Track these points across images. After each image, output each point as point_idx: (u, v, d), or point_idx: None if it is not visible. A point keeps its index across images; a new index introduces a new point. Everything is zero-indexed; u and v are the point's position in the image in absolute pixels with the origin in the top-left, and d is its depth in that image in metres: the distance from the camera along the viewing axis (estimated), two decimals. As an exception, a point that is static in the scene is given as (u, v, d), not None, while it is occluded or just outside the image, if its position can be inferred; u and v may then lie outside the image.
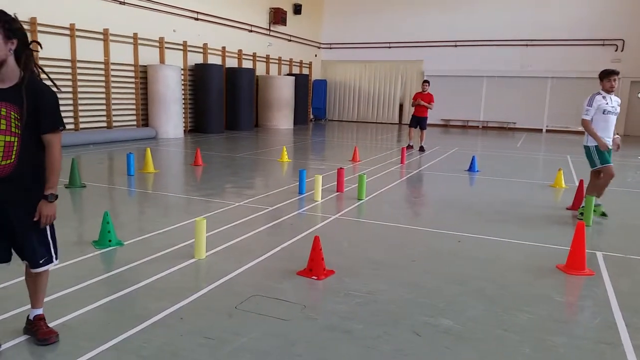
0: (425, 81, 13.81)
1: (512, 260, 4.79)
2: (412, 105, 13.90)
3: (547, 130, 22.66)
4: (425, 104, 13.50)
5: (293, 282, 4.05)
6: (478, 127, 23.93)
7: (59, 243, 3.04)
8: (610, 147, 6.37)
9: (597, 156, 6.37)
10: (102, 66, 13.72)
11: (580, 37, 21.49)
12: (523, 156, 13.52)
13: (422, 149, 13.56)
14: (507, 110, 23.25)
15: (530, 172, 10.64)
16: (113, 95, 14.06)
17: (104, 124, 13.96)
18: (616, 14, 20.97)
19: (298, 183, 7.57)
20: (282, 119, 20.40)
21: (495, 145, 16.58)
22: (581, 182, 7.14)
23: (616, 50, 21.19)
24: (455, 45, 23.57)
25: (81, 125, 13.16)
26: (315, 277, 4.12)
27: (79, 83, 12.97)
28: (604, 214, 6.46)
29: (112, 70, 13.95)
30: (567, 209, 7.07)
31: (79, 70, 12.93)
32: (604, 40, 21.20)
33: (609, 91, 6.35)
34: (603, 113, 6.34)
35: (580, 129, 7.18)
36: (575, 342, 3.18)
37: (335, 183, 7.81)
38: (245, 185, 8.24)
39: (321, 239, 4.25)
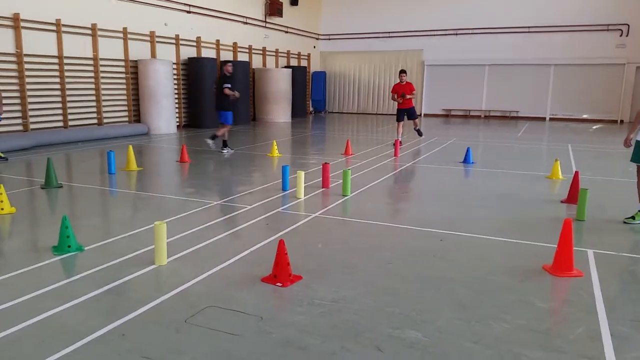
0: (402, 71, 13.30)
1: (495, 261, 4.49)
2: (394, 100, 13.47)
3: (551, 119, 22.19)
4: (408, 95, 13.10)
5: (255, 290, 3.77)
6: (480, 116, 23.50)
7: (19, 248, 2.77)
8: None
9: (635, 151, 5.67)
10: (91, 62, 13.47)
11: (583, 23, 20.96)
12: (522, 146, 13.14)
13: (420, 133, 13.36)
14: (509, 99, 22.80)
15: (528, 163, 10.28)
16: (103, 92, 13.81)
17: (95, 121, 13.73)
18: (620, -3, 20.45)
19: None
20: (279, 112, 20.08)
21: (495, 135, 16.20)
22: (576, 174, 6.80)
23: (621, 35, 20.65)
24: (456, 34, 23.11)
25: (70, 123, 12.94)
26: (280, 284, 3.84)
27: (67, 80, 12.74)
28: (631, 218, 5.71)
29: (102, 65, 13.70)
30: (562, 202, 6.74)
31: (66, 67, 12.69)
32: (608, 25, 20.66)
33: None
34: None
35: (585, 116, 6.61)
36: (553, 357, 2.89)
37: (322, 175, 7.52)
38: (229, 182, 7.97)
39: (296, 239, 4.00)
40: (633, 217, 5.70)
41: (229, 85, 10.70)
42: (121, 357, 2.82)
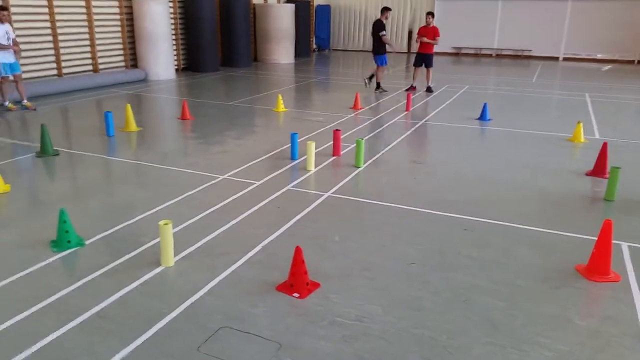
0: (429, 13, 12.52)
1: (524, 260, 4.19)
2: (416, 41, 12.75)
3: (564, 59, 21.30)
4: (430, 40, 12.34)
5: (271, 302, 3.49)
6: (491, 55, 22.57)
7: (15, 242, 2.46)
8: None
9: None
10: (83, 3, 12.62)
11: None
12: (539, 96, 12.56)
13: (429, 90, 12.62)
14: (522, 37, 21.82)
15: (547, 120, 9.79)
16: (97, 36, 13.06)
17: (90, 67, 13.07)
18: None
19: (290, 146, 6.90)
20: (282, 51, 19.21)
21: (509, 80, 15.50)
22: (604, 145, 6.37)
23: (646, -31, 19.37)
24: (469, -35, 21.72)
25: (64, 71, 12.30)
26: (297, 295, 3.57)
27: (58, 24, 11.98)
28: None
29: (94, 7, 12.86)
30: (587, 174, 6.38)
31: (56, 10, 11.89)
32: (633, -43, 19.34)
33: None
34: None
35: (600, 56, 6.14)
36: (600, 402, 2.65)
37: (332, 142, 7.11)
38: (234, 148, 7.56)
39: (310, 229, 3.71)
40: None
41: (385, 33, 12.02)
42: (130, 404, 2.59)
